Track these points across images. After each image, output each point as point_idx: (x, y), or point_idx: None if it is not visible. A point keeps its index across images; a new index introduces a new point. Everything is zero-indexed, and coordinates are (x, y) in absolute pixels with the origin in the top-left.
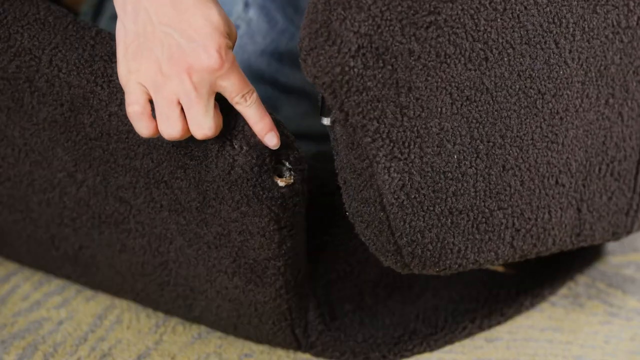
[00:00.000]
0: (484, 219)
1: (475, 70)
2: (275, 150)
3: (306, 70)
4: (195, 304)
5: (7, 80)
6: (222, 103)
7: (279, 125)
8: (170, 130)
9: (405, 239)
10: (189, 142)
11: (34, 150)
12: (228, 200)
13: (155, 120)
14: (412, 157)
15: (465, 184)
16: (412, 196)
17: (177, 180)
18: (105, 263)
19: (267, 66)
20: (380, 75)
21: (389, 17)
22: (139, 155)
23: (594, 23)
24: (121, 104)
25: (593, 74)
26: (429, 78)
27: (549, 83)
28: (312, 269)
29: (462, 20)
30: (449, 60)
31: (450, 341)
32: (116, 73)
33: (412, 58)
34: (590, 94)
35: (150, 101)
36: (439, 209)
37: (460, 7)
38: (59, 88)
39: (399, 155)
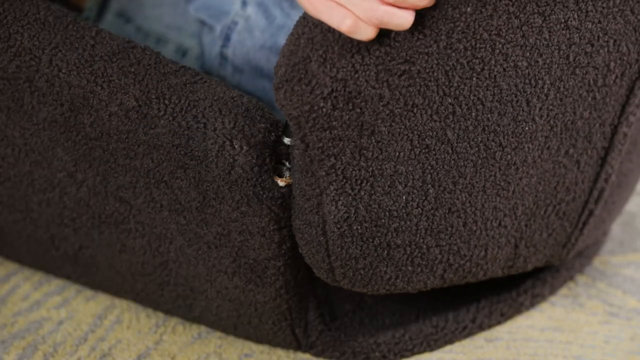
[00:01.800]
0: (419, 254)
1: (440, 122)
2: (275, 150)
3: (277, 98)
4: (195, 304)
5: (7, 80)
6: (225, 104)
7: (277, 125)
8: None
9: (339, 262)
10: (189, 141)
11: (34, 150)
12: (228, 200)
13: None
14: (362, 193)
15: (408, 222)
16: (354, 228)
17: (177, 180)
18: (105, 263)
19: (267, 61)
20: (347, 117)
21: (367, 62)
22: (139, 155)
23: (570, 83)
24: (121, 103)
25: (559, 129)
26: (394, 124)
27: (512, 137)
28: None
29: (435, 74)
30: (415, 110)
31: (450, 341)
32: (116, 73)
33: (381, 103)
34: (551, 146)
35: None
36: (378, 241)
37: (435, 61)
38: (59, 88)
39: (349, 191)
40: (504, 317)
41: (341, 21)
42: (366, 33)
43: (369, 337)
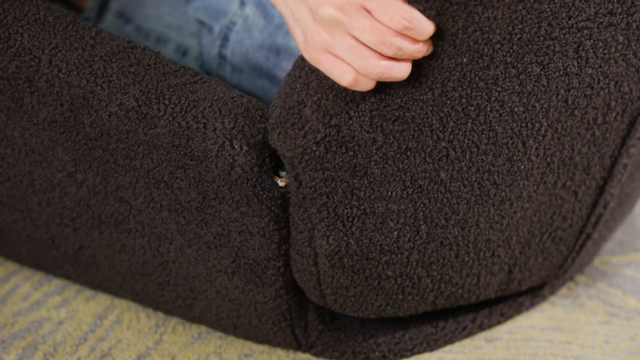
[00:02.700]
0: (410, 284)
1: (433, 164)
2: (275, 150)
3: (271, 138)
4: (195, 304)
5: (7, 80)
6: (225, 105)
7: None
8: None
9: (330, 290)
10: (189, 142)
11: (34, 150)
12: (228, 200)
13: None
14: (353, 230)
15: (399, 255)
16: (345, 260)
17: (177, 180)
18: (105, 263)
19: (265, 60)
20: (339, 160)
21: (362, 109)
22: (139, 155)
23: (568, 124)
24: (121, 104)
25: (555, 165)
26: (386, 166)
27: (507, 176)
28: None
29: (429, 120)
30: (408, 153)
31: (450, 341)
32: (116, 73)
33: (374, 147)
34: (548, 181)
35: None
36: (368, 273)
37: (430, 108)
38: (59, 88)
39: (341, 227)
40: (504, 317)
41: (341, 76)
42: (366, 86)
43: (369, 337)
